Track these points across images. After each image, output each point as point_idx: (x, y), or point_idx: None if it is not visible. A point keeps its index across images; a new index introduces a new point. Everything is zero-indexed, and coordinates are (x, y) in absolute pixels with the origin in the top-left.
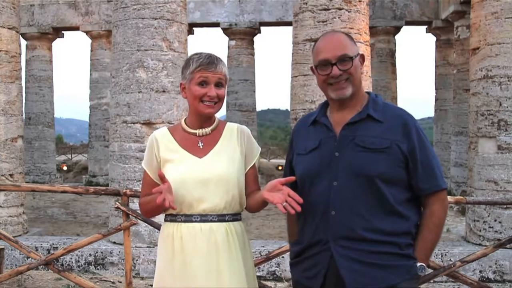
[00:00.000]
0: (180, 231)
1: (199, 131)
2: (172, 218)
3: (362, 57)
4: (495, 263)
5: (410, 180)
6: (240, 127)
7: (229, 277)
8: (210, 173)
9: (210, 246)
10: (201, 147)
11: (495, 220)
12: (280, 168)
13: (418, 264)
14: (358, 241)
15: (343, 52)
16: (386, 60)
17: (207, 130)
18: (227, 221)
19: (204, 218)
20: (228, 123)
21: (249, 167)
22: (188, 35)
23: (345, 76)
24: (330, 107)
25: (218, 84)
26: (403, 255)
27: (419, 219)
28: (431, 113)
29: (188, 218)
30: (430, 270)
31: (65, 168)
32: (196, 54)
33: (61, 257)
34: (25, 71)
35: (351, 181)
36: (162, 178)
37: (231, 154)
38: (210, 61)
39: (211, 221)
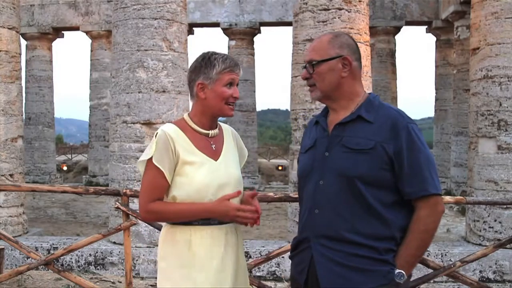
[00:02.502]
0: (200, 234)
1: (211, 132)
2: (187, 222)
3: (345, 59)
4: (495, 263)
5: (396, 183)
6: (232, 129)
7: (243, 276)
8: (228, 176)
9: (227, 247)
10: (214, 149)
11: (495, 220)
12: (280, 168)
13: (397, 270)
14: (337, 241)
15: (309, 57)
16: (386, 60)
17: (217, 131)
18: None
19: (220, 220)
20: (221, 124)
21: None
22: (188, 35)
23: (311, 81)
24: None
25: (237, 85)
26: (381, 260)
27: (407, 224)
28: (431, 113)
29: (206, 221)
30: (426, 272)
31: (65, 168)
32: (216, 53)
33: (61, 257)
34: (25, 71)
35: (335, 181)
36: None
37: (235, 156)
38: (236, 63)
39: (227, 222)
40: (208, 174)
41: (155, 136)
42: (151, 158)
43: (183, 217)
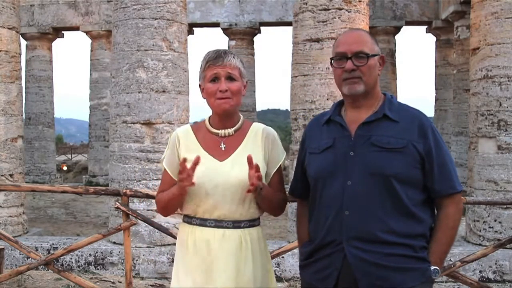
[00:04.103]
0: (194, 234)
1: (221, 132)
2: (188, 220)
3: (382, 58)
4: (495, 263)
5: (425, 182)
6: (266, 130)
7: (243, 283)
8: (228, 178)
9: (222, 252)
10: (223, 149)
11: (495, 220)
12: None
13: (432, 267)
14: (372, 242)
15: (360, 48)
16: (386, 60)
17: (230, 131)
18: (243, 227)
19: (218, 224)
20: (254, 124)
21: (273, 172)
22: (188, 35)
23: (357, 73)
24: (345, 106)
25: (230, 78)
26: (418, 258)
27: (433, 222)
28: (431, 113)
29: (203, 222)
30: None
31: (65, 168)
32: (209, 52)
33: (61, 257)
34: (25, 71)
35: (366, 181)
36: (196, 164)
37: (256, 157)
38: (217, 55)
39: (226, 227)
40: (204, 173)
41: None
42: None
43: (169, 199)
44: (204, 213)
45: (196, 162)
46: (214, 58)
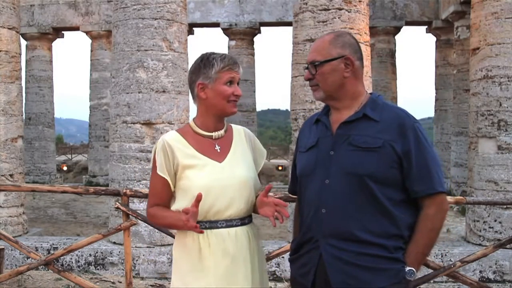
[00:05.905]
0: (207, 237)
1: (215, 134)
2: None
3: (348, 59)
4: (495, 263)
5: (404, 182)
6: (246, 130)
7: (258, 279)
8: (233, 178)
9: (238, 250)
10: (218, 150)
11: (495, 220)
12: (280, 168)
13: (407, 268)
14: (347, 240)
15: (312, 58)
16: (386, 60)
17: (222, 132)
18: (247, 224)
19: (229, 223)
20: (233, 126)
21: (259, 170)
22: (188, 35)
23: (314, 81)
24: None
25: (238, 84)
26: (392, 258)
27: (415, 222)
28: (431, 113)
29: (214, 224)
30: (426, 272)
31: (65, 168)
32: (214, 53)
33: (61, 257)
34: (25, 71)
35: (343, 180)
36: (198, 201)
37: (246, 157)
38: (234, 61)
39: (236, 225)
40: (209, 176)
41: (156, 144)
42: (154, 166)
43: (166, 223)
44: (215, 215)
45: (199, 199)
46: (233, 63)
